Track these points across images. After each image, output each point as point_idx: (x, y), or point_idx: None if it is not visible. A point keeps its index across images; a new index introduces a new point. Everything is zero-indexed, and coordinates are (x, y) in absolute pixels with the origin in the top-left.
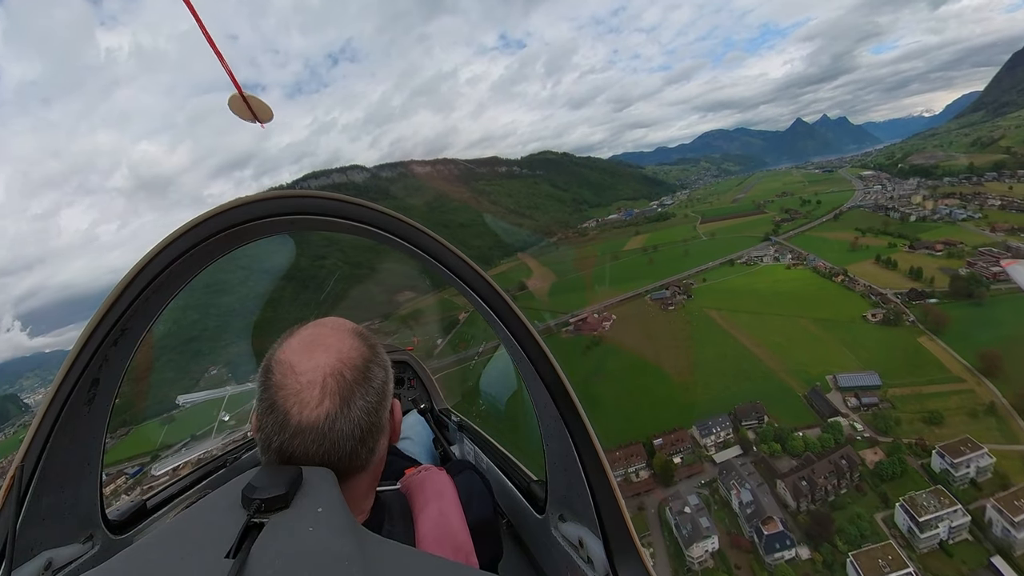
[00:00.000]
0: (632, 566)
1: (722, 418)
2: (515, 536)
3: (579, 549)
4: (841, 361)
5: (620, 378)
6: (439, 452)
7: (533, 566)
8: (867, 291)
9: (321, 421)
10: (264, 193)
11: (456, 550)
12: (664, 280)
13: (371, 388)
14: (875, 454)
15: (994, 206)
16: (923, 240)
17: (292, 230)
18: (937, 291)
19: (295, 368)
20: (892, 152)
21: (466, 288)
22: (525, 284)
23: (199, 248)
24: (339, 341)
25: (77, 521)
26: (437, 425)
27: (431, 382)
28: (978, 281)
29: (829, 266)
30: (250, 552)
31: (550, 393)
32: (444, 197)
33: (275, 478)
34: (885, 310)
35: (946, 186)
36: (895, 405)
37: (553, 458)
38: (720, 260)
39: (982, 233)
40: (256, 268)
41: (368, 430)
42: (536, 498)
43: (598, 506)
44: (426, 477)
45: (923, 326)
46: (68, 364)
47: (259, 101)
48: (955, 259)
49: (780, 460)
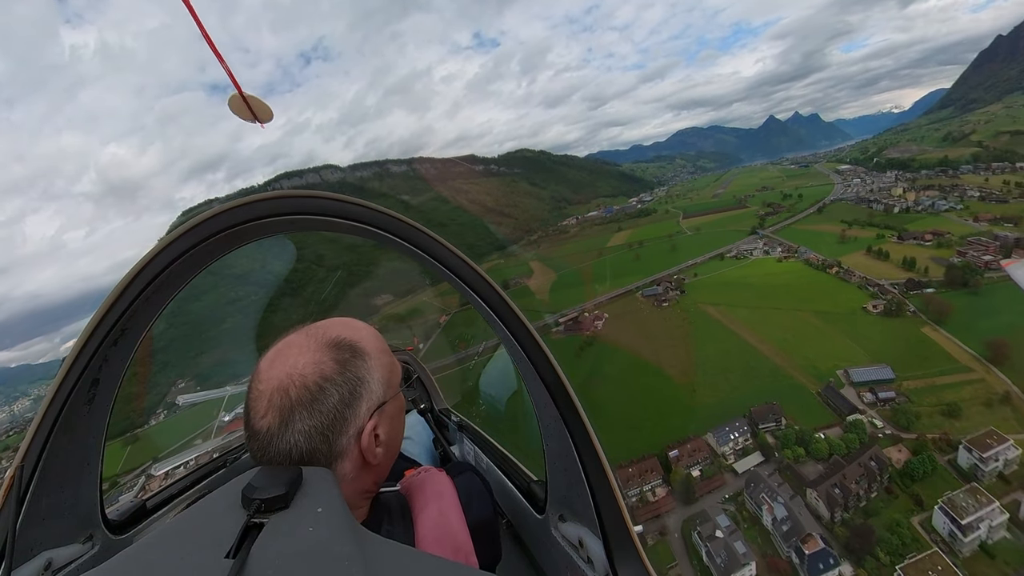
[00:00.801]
0: (632, 566)
1: (738, 422)
2: (515, 536)
3: (579, 549)
4: (848, 355)
5: (620, 381)
6: (439, 452)
7: (533, 566)
8: (863, 282)
9: (262, 434)
10: (264, 193)
11: (456, 550)
12: (654, 276)
13: (317, 411)
14: (899, 452)
15: (973, 197)
16: (910, 231)
17: (292, 230)
18: (933, 280)
19: (259, 375)
20: (865, 147)
21: (466, 288)
22: (508, 283)
23: (199, 248)
24: (301, 353)
25: (77, 521)
26: (437, 425)
27: (431, 382)
28: (973, 270)
29: (821, 258)
30: (250, 552)
31: (550, 393)
32: (421, 196)
33: (275, 478)
34: (886, 301)
35: (923, 178)
36: (911, 399)
37: (553, 458)
38: (709, 254)
39: (966, 223)
40: (226, 274)
41: (309, 454)
42: (536, 498)
43: (598, 506)
44: (426, 478)
45: (925, 316)
46: (68, 364)
47: (259, 101)
48: (944, 248)
49: (805, 466)
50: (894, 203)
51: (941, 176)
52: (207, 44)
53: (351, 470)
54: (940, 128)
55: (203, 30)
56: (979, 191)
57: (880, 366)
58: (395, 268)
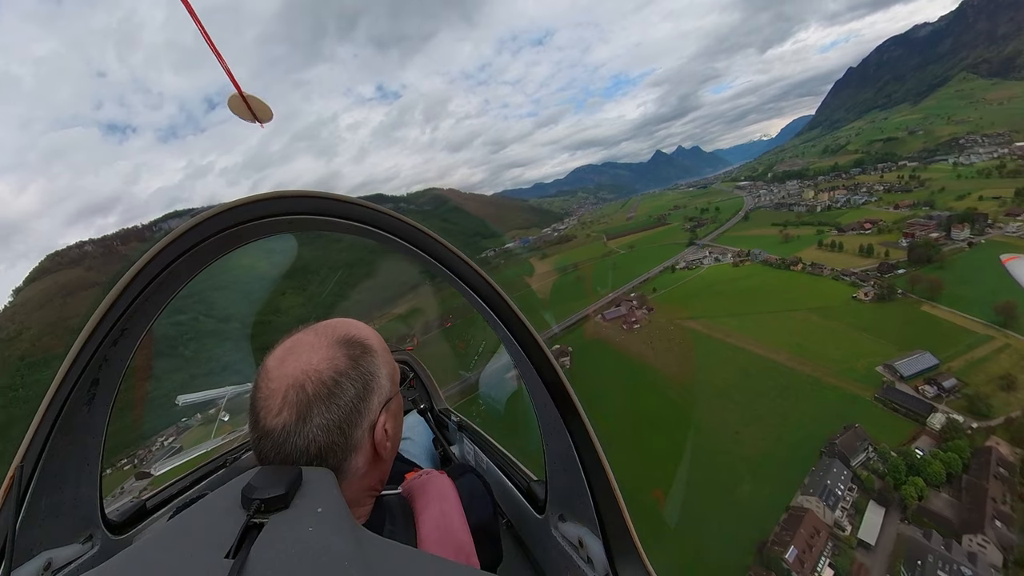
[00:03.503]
0: (632, 566)
1: (826, 464)
2: (515, 536)
3: (579, 549)
4: (872, 348)
5: (626, 444)
6: (439, 452)
7: (533, 566)
8: (837, 274)
9: (277, 431)
10: (264, 193)
11: (458, 551)
12: (609, 296)
13: (335, 405)
14: (998, 444)
15: (879, 190)
16: (845, 224)
17: (292, 230)
18: (901, 262)
19: (269, 374)
20: (754, 167)
21: (466, 288)
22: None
23: (199, 248)
24: (313, 351)
25: (77, 521)
26: (437, 425)
27: (431, 382)
28: (932, 246)
29: (778, 258)
30: (250, 552)
31: (550, 393)
32: (327, 236)
33: (275, 478)
34: (875, 287)
35: (824, 183)
36: (966, 381)
37: (553, 458)
38: (659, 268)
39: (890, 211)
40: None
41: (327, 448)
42: (536, 498)
43: (598, 506)
44: (427, 480)
45: (916, 296)
46: (68, 364)
47: (259, 101)
48: (888, 234)
49: (934, 499)
50: (814, 204)
51: (838, 179)
52: (207, 44)
53: (363, 464)
54: (815, 144)
55: (202, 28)
56: (881, 186)
57: (917, 353)
58: (395, 268)
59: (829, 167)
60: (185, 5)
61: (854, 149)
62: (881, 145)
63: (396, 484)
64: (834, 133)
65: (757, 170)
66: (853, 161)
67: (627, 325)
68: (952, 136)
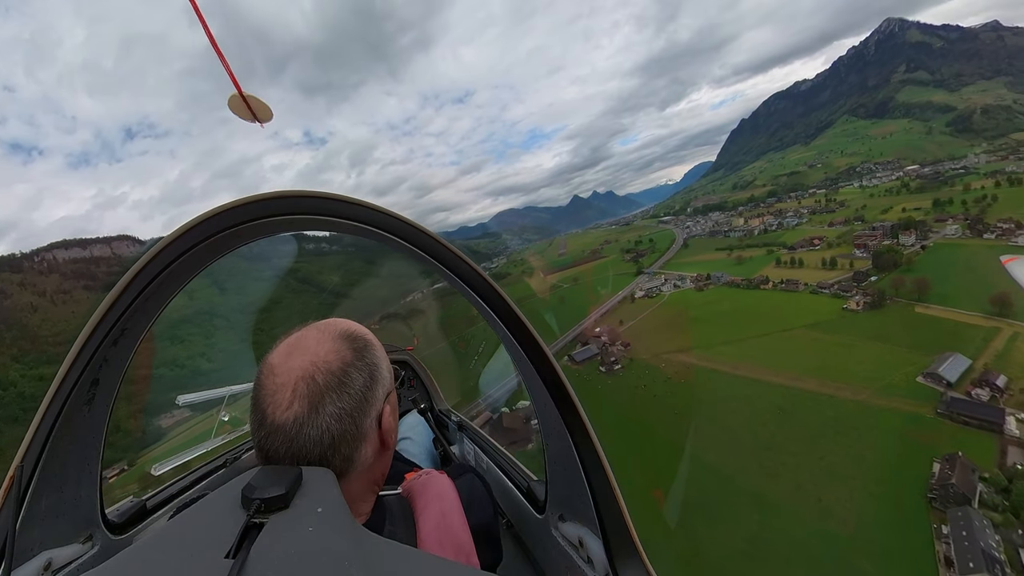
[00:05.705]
0: (632, 566)
1: (956, 521)
2: (515, 536)
3: (579, 549)
4: (895, 358)
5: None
6: (439, 452)
7: (533, 566)
8: (815, 288)
9: (289, 424)
10: (264, 193)
11: (458, 551)
12: (570, 333)
13: (346, 394)
14: None
15: (805, 212)
16: (793, 242)
17: (292, 230)
18: (869, 270)
19: (274, 370)
20: (670, 205)
21: (466, 289)
22: None
23: (199, 248)
24: (319, 344)
25: (77, 521)
26: (437, 425)
27: (431, 382)
28: (894, 251)
29: (743, 279)
30: (250, 552)
31: (550, 393)
32: (259, 282)
33: (275, 478)
34: (866, 296)
35: (745, 212)
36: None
37: (553, 458)
38: (617, 298)
39: (828, 228)
40: None
41: (340, 436)
42: (536, 498)
43: (598, 506)
44: (427, 481)
45: (904, 299)
46: (68, 364)
47: (259, 101)
48: (837, 248)
49: None
50: (749, 229)
51: (758, 208)
52: (210, 43)
53: (371, 455)
54: (722, 183)
55: (206, 27)
56: (805, 208)
57: (948, 355)
58: (395, 268)
59: (746, 199)
60: (191, 3)
61: (762, 184)
62: (786, 178)
63: (396, 484)
64: (738, 172)
65: (674, 207)
66: (767, 192)
67: (606, 367)
68: (849, 165)
